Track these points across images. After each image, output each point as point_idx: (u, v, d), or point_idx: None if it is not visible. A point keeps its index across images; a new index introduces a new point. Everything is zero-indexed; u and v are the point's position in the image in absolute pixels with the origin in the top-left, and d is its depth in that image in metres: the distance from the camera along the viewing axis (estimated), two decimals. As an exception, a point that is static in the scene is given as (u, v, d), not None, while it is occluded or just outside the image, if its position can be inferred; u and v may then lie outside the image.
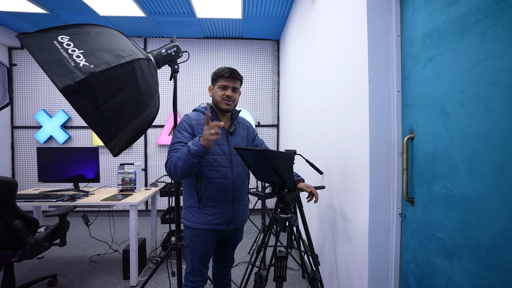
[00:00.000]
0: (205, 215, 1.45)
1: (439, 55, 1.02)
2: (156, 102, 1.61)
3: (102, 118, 1.25)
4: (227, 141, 1.49)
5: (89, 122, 1.22)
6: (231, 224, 1.50)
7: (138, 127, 1.53)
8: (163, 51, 1.72)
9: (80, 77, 1.13)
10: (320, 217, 2.15)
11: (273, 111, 4.53)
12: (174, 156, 1.34)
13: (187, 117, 1.48)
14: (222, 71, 1.47)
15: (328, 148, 1.92)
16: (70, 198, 2.35)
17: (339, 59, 1.70)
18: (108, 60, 1.24)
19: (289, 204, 1.39)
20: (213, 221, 1.46)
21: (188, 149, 1.26)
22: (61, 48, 1.16)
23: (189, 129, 1.43)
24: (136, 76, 1.36)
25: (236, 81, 1.49)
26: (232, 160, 1.48)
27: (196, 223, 1.45)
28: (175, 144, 1.40)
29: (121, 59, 1.29)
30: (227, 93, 1.47)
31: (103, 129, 1.27)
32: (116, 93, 1.27)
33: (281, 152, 1.20)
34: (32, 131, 4.33)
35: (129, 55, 1.34)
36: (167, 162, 1.37)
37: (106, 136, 1.30)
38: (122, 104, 1.31)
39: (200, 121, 1.47)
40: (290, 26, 3.48)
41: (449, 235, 0.98)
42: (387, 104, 1.31)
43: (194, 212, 1.47)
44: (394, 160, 1.31)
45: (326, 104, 1.96)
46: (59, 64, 1.12)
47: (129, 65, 1.32)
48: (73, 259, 2.84)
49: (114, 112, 1.29)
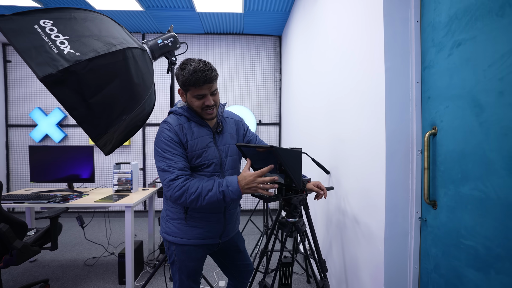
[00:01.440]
0: (193, 228, 1.26)
1: (470, 39, 0.90)
2: (152, 96, 1.49)
3: (90, 112, 1.12)
4: (215, 142, 1.28)
5: (76, 116, 1.10)
6: (222, 236, 1.32)
7: (131, 123, 1.40)
8: (159, 42, 1.60)
9: (64, 66, 1.01)
10: (326, 219, 2.03)
11: (275, 109, 4.41)
12: (188, 186, 1.12)
13: (168, 125, 1.21)
14: (191, 78, 1.14)
15: (336, 146, 1.80)
16: (62, 199, 2.23)
17: (349, 49, 1.57)
18: (96, 48, 1.12)
19: (297, 207, 1.27)
20: (203, 234, 1.27)
21: (223, 195, 1.11)
22: (43, 33, 1.04)
23: (175, 138, 1.19)
24: (128, 66, 1.24)
25: (212, 83, 1.18)
26: (223, 162, 1.28)
27: (183, 238, 1.25)
28: (170, 167, 1.15)
29: (112, 47, 1.17)
30: (206, 102, 1.19)
31: (92, 124, 1.15)
32: (106, 84, 1.15)
33: (288, 149, 1.08)
34: (27, 129, 4.21)
35: (120, 43, 1.22)
36: (172, 186, 1.13)
37: (95, 132, 1.17)
38: (113, 97, 1.19)
39: (182, 125, 1.23)
40: (293, 20, 3.35)
41: (483, 244, 0.86)
42: (405, 97, 1.18)
43: (178, 225, 1.26)
44: (413, 158, 1.18)
45: (334, 99, 1.84)
46: (40, 50, 1.00)
47: (121, 54, 1.20)
48: (67, 263, 2.72)
49: (103, 106, 1.16)
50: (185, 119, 1.25)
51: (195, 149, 1.22)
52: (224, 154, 1.29)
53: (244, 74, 4.35)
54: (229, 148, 1.32)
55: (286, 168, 1.06)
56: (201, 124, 1.26)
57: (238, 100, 4.36)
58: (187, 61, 1.19)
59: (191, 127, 1.24)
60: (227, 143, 1.32)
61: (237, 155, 1.36)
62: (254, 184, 1.09)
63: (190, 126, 1.24)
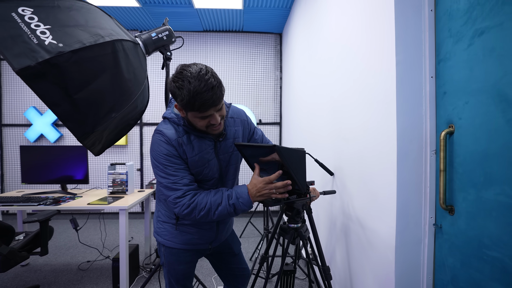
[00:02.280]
0: (182, 233, 1.19)
1: (495, 26, 0.80)
2: (145, 93, 1.39)
3: (75, 109, 1.03)
4: (216, 153, 1.15)
5: (59, 114, 1.00)
6: (213, 242, 1.26)
7: (123, 121, 1.31)
8: (153, 35, 1.50)
9: (44, 57, 0.91)
10: (330, 223, 1.94)
11: (275, 108, 4.32)
12: (197, 202, 1.04)
13: (164, 137, 1.07)
14: (193, 103, 0.94)
15: (340, 146, 1.70)
16: (53, 202, 2.14)
17: (356, 43, 1.48)
18: (82, 39, 1.02)
19: (300, 212, 1.17)
20: (192, 240, 1.20)
21: (234, 208, 1.04)
22: (21, 22, 0.94)
23: (175, 153, 1.06)
24: (118, 59, 1.14)
25: (219, 104, 1.00)
26: (223, 174, 1.19)
27: (171, 242, 1.20)
28: (175, 183, 1.05)
29: (100, 38, 1.07)
30: (212, 121, 1.02)
31: (77, 122, 1.06)
32: (92, 79, 1.06)
33: (292, 149, 0.98)
34: (22, 129, 4.11)
35: (109, 35, 1.12)
36: (180, 204, 1.04)
37: (80, 131, 1.08)
38: (100, 92, 1.09)
39: (181, 139, 1.08)
40: (294, 17, 3.26)
41: (511, 256, 0.76)
42: (418, 93, 1.09)
43: (169, 228, 1.20)
44: (426, 159, 1.09)
45: (337, 96, 1.74)
46: (18, 40, 0.90)
47: (109, 46, 1.10)
48: (60, 267, 2.63)
49: (90, 102, 1.07)
50: (183, 130, 1.09)
51: (195, 167, 1.11)
52: (225, 163, 1.19)
53: (243, 73, 4.26)
54: (231, 156, 1.21)
55: (289, 170, 0.97)
56: (202, 136, 1.12)
57: (237, 99, 4.26)
58: (183, 77, 0.96)
59: (191, 140, 1.10)
60: (229, 150, 1.20)
61: (239, 161, 1.27)
62: (266, 191, 1.03)
63: (190, 139, 1.10)
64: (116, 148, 4.18)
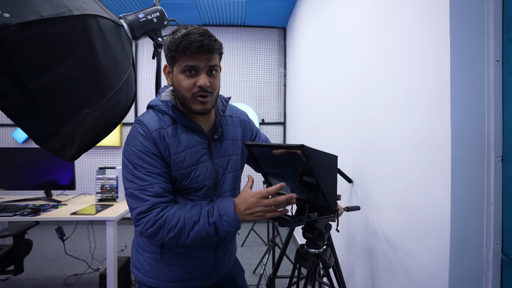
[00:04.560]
0: (170, 267, 0.89)
1: None
2: (129, 84, 1.13)
3: (30, 103, 0.78)
4: (210, 153, 0.90)
5: (6, 109, 0.75)
6: (211, 277, 0.96)
7: (102, 119, 1.05)
8: (140, 16, 1.25)
9: (-20, 30, 0.66)
10: (348, 236, 1.69)
11: (279, 107, 4.07)
12: (166, 218, 0.77)
13: (143, 128, 0.84)
14: (182, 40, 0.79)
15: (361, 148, 1.45)
16: (32, 212, 1.88)
17: (386, 23, 1.23)
18: (39, 9, 0.77)
19: (323, 234, 0.92)
20: (183, 276, 0.90)
21: (215, 229, 0.77)
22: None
23: (152, 149, 0.82)
24: (92, 40, 0.89)
25: (211, 55, 0.82)
26: (219, 182, 0.92)
27: (155, 280, 0.90)
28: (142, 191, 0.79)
29: (66, 10, 0.82)
30: (199, 81, 0.81)
31: (34, 120, 0.81)
32: (55, 63, 0.81)
33: (323, 152, 0.74)
34: (10, 129, 3.86)
35: (79, 8, 0.87)
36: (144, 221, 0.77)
37: (40, 132, 0.83)
38: (66, 81, 0.84)
39: (164, 130, 0.85)
40: (300, 9, 3.01)
41: None
42: (479, 82, 0.84)
43: (151, 260, 0.90)
44: (490, 168, 0.84)
45: (357, 90, 1.49)
46: None
47: (79, 22, 0.85)
48: (44, 282, 2.37)
49: (52, 94, 0.82)
50: (169, 120, 0.88)
51: (181, 167, 0.84)
52: (222, 170, 0.92)
53: (245, 70, 4.01)
54: (230, 161, 0.94)
55: (318, 179, 0.72)
56: (192, 129, 0.89)
57: (239, 97, 4.01)
58: (182, 26, 0.85)
59: (177, 133, 0.87)
60: (227, 154, 0.94)
61: (240, 169, 1.00)
62: (260, 208, 0.76)
63: (176, 132, 0.87)
64: (107, 150, 3.92)
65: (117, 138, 3.89)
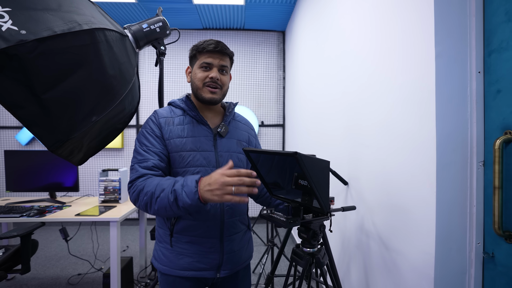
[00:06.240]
0: (179, 256, 0.99)
1: None
2: (134, 92, 1.20)
3: (43, 112, 0.84)
4: (214, 145, 1.03)
5: (22, 118, 0.82)
6: (221, 269, 1.02)
7: (108, 126, 1.11)
8: (144, 26, 1.31)
9: (0, 47, 0.72)
10: (343, 236, 1.74)
11: (278, 110, 4.13)
12: (145, 185, 0.90)
13: (154, 115, 1.05)
14: (203, 43, 1.04)
15: (356, 152, 1.51)
16: (38, 213, 1.94)
17: (380, 34, 1.29)
18: (52, 26, 0.83)
19: (317, 234, 0.98)
20: (192, 264, 0.98)
21: (175, 197, 0.82)
22: (-29, 3, 0.75)
23: (157, 132, 1.01)
24: (99, 52, 0.95)
25: (224, 56, 1.04)
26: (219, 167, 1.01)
27: (167, 267, 1.00)
28: (139, 163, 0.96)
29: (76, 25, 0.88)
30: (212, 74, 1.01)
31: (46, 128, 0.87)
32: (66, 75, 0.87)
33: (315, 158, 0.80)
34: (13, 131, 3.92)
35: (88, 22, 0.93)
36: (132, 188, 0.93)
37: (52, 139, 0.89)
38: (77, 91, 0.90)
39: (172, 119, 1.04)
40: (299, 13, 3.07)
41: None
42: (462, 91, 0.90)
43: (164, 249, 1.02)
44: (472, 172, 0.90)
45: (353, 96, 1.55)
46: (-35, 25, 0.71)
47: (88, 36, 0.91)
48: (48, 281, 2.43)
49: (64, 104, 0.88)
50: (180, 111, 1.07)
51: (181, 149, 0.99)
52: (225, 162, 1.01)
53: (245, 73, 4.07)
54: (233, 156, 1.05)
55: (311, 183, 0.78)
56: (198, 121, 1.05)
57: (238, 100, 4.08)
58: None
59: (184, 123, 1.04)
60: (232, 150, 1.05)
61: (242, 167, 1.07)
62: (218, 186, 0.76)
63: (183, 121, 1.04)
64: (110, 152, 3.98)
65: (119, 141, 3.95)
